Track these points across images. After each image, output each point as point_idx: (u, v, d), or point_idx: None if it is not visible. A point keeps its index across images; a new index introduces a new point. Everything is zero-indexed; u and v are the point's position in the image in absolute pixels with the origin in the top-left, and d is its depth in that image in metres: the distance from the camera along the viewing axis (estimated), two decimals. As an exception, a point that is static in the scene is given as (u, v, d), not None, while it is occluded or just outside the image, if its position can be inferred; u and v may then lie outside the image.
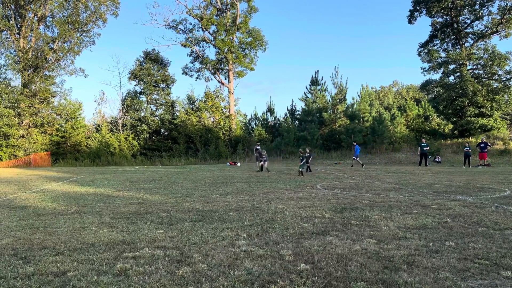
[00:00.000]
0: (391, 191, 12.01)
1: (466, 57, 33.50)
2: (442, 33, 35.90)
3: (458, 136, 36.04)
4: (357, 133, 35.65)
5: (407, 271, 4.32)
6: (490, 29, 34.22)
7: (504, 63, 32.44)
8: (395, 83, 74.74)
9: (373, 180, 16.17)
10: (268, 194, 11.30)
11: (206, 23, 40.44)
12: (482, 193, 11.41)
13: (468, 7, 34.31)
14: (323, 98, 40.38)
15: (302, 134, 37.38)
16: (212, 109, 40.80)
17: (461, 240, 5.65)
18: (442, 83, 36.16)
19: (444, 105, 36.31)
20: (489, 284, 3.95)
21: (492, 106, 33.09)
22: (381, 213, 7.87)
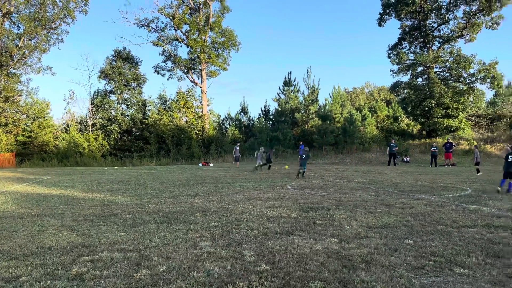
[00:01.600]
0: (358, 190, 12.22)
1: (433, 59, 34.52)
2: (410, 36, 36.87)
3: (425, 136, 37.07)
4: (328, 134, 36.12)
5: (365, 269, 4.39)
6: (455, 33, 35.37)
7: (469, 66, 33.60)
8: (367, 85, 76.11)
9: (342, 179, 16.41)
10: (237, 194, 11.28)
11: (179, 22, 40.04)
12: (445, 192, 11.77)
13: (435, 11, 35.36)
14: (295, 99, 40.71)
15: (275, 135, 37.56)
16: (185, 109, 40.42)
17: (420, 238, 5.79)
18: (411, 85, 37.11)
19: (412, 106, 37.27)
20: (442, 281, 4.06)
21: (457, 107, 34.20)
22: (346, 213, 7.99)
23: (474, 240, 5.68)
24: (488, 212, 8.04)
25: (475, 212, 7.98)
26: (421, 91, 35.51)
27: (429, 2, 34.48)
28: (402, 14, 35.01)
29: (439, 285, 3.93)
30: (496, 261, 4.68)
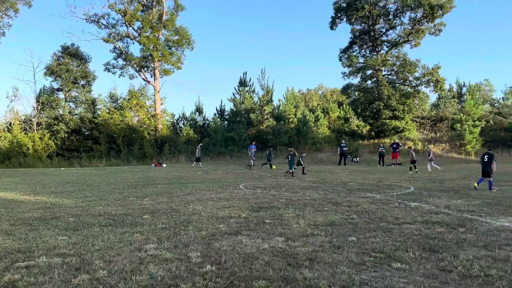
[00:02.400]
0: (308, 189, 12.48)
1: (381, 63, 35.96)
2: (360, 40, 38.18)
3: (374, 137, 38.53)
4: (282, 134, 36.60)
5: (309, 267, 4.48)
6: (402, 38, 37.07)
7: (414, 69, 35.35)
8: (320, 86, 77.91)
9: (294, 179, 16.68)
10: (188, 195, 11.14)
11: (130, 19, 38.92)
12: (389, 190, 12.29)
13: (383, 17, 36.87)
14: (251, 99, 40.87)
15: (230, 135, 37.50)
16: (137, 108, 39.34)
17: (363, 235, 6.01)
18: (361, 87, 38.44)
19: (362, 108, 38.59)
20: (380, 276, 4.23)
21: (404, 109, 35.84)
22: (295, 211, 8.12)
23: (412, 236, 5.97)
24: (427, 209, 8.49)
25: (415, 209, 8.40)
26: (370, 93, 36.87)
27: (377, 7, 35.87)
28: (353, 19, 36.17)
29: (377, 280, 4.08)
30: (431, 256, 4.95)
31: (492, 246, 5.38)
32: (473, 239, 5.74)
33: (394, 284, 3.94)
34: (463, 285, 3.94)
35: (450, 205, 8.91)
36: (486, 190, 11.97)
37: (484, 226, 6.68)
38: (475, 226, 6.61)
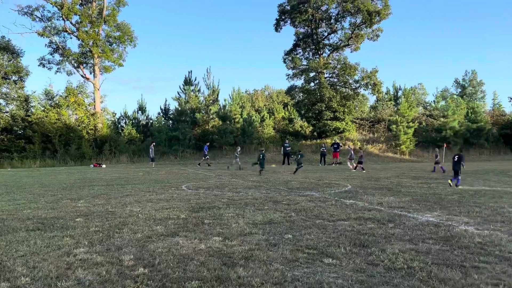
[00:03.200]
0: (251, 189, 12.58)
1: (323, 66, 37.14)
2: (304, 43, 39.18)
3: (317, 137, 39.70)
4: (228, 134, 36.60)
5: (243, 266, 4.51)
6: (343, 42, 38.55)
7: (354, 73, 36.91)
8: (266, 87, 78.68)
9: (238, 179, 16.74)
10: (127, 197, 10.79)
11: (68, 12, 36.93)
12: (328, 188, 12.72)
13: (325, 21, 38.12)
14: (196, 99, 40.45)
15: (175, 134, 36.84)
16: (75, 106, 37.44)
17: (299, 233, 6.16)
18: (304, 89, 39.44)
19: (305, 109, 39.62)
20: (312, 272, 4.35)
21: (344, 111, 37.29)
22: (235, 211, 8.15)
23: (345, 232, 6.22)
24: (361, 206, 8.89)
25: (350, 206, 8.76)
26: (313, 95, 37.95)
27: (320, 12, 37.00)
28: (297, 22, 37.00)
29: (308, 275, 4.20)
30: (361, 250, 5.18)
31: (417, 239, 5.75)
32: (400, 234, 6.09)
33: (324, 279, 4.08)
34: (388, 277, 4.17)
35: (382, 202, 9.39)
36: (414, 187, 12.76)
37: (411, 221, 7.12)
38: (403, 222, 7.02)
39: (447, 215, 7.73)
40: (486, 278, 4.11)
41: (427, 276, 4.18)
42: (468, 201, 9.50)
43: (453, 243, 5.54)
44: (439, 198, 10.17)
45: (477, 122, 40.15)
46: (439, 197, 10.27)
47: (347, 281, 4.04)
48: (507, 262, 4.68)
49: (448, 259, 4.77)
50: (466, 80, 65.64)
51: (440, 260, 4.73)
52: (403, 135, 36.72)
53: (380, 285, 3.94)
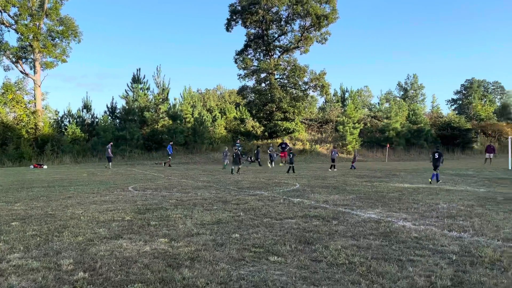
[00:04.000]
0: (201, 189, 12.48)
1: (274, 67, 37.63)
2: (255, 44, 39.45)
3: (268, 137, 40.14)
4: (178, 134, 36.03)
5: (189, 266, 4.47)
6: (293, 44, 39.28)
7: (303, 75, 37.73)
8: (219, 87, 78.36)
9: (188, 179, 16.55)
10: (69, 199, 10.31)
11: (5, 4, 34.59)
12: (277, 187, 12.91)
13: (276, 23, 38.62)
14: (145, 97, 39.41)
15: (122, 134, 35.67)
16: (13, 104, 35.17)
17: (246, 232, 6.20)
18: (255, 89, 39.73)
19: (256, 110, 39.94)
20: (257, 270, 4.40)
21: (294, 111, 38.01)
22: (183, 212, 8.05)
23: (291, 230, 6.35)
24: (308, 204, 9.11)
25: (297, 205, 8.95)
26: (264, 95, 38.33)
27: (271, 13, 37.42)
28: (248, 22, 37.17)
29: (254, 274, 4.24)
30: (306, 247, 5.31)
31: (358, 236, 5.98)
32: (343, 230, 6.32)
33: (268, 277, 4.13)
34: (330, 273, 4.30)
35: (328, 200, 9.68)
36: (359, 185, 13.28)
37: (354, 218, 7.40)
38: (346, 219, 7.29)
39: (388, 211, 8.12)
40: (420, 271, 4.36)
41: (366, 271, 4.36)
42: (407, 198, 10.04)
43: (391, 238, 5.83)
44: (381, 195, 10.65)
45: (418, 123, 42.53)
46: (381, 195, 10.76)
47: (291, 278, 4.12)
48: (440, 255, 4.99)
49: (386, 254, 5.01)
50: (408, 84, 69.41)
51: (379, 255, 4.96)
52: (349, 135, 38.05)
53: (323, 280, 4.06)
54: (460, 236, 5.97)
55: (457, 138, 42.98)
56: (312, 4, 35.76)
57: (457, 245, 5.43)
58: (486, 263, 4.62)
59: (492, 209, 8.32)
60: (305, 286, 3.90)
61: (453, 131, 43.17)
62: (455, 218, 7.33)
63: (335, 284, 3.95)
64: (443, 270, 4.38)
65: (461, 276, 4.18)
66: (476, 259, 4.78)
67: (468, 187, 12.71)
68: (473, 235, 6.00)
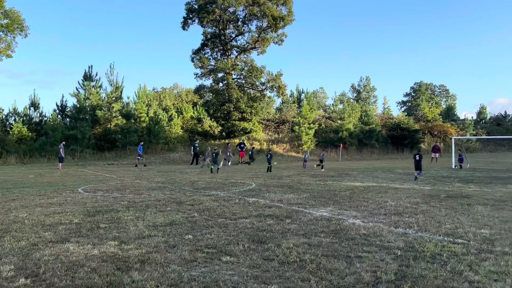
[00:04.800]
0: (155, 190, 12.24)
1: (231, 67, 37.62)
2: (212, 43, 39.23)
3: (225, 137, 40.04)
4: (132, 133, 35.09)
5: (139, 269, 4.37)
6: (250, 45, 39.45)
7: (260, 75, 38.00)
8: (175, 86, 77.09)
9: (142, 180, 16.17)
10: (12, 202, 9.75)
11: None
12: (233, 187, 12.92)
13: (233, 23, 38.62)
14: (97, 95, 38.02)
15: (72, 133, 34.19)
16: (-49, 100, 32.77)
17: (200, 232, 6.16)
18: (212, 89, 39.52)
19: (214, 109, 39.74)
20: (209, 271, 4.38)
21: (252, 112, 38.19)
22: (135, 213, 7.86)
23: (245, 229, 6.38)
24: (263, 203, 9.19)
25: (253, 204, 9.01)
26: (222, 95, 38.23)
27: (228, 13, 37.37)
28: (204, 21, 36.88)
29: (205, 275, 4.22)
30: (258, 247, 5.36)
31: (310, 234, 6.12)
32: (296, 229, 6.44)
33: (220, 277, 4.14)
34: (281, 271, 4.37)
35: (282, 199, 9.82)
36: (313, 185, 13.58)
37: (307, 216, 7.56)
38: (299, 217, 7.43)
39: (339, 209, 8.37)
40: (366, 266, 4.53)
41: (316, 268, 4.47)
42: (358, 196, 10.39)
43: (341, 235, 6.01)
44: (333, 194, 10.95)
45: (369, 124, 44.07)
46: (333, 193, 11.06)
47: (243, 277, 4.15)
48: (386, 251, 5.21)
49: (336, 251, 5.16)
50: (361, 86, 71.81)
51: (329, 252, 5.10)
52: (304, 135, 38.77)
53: (274, 279, 4.11)
54: (406, 232, 6.27)
55: (406, 138, 44.97)
56: (269, 6, 36.08)
57: (402, 241, 5.70)
58: (427, 257, 4.88)
59: (435, 206, 8.79)
60: (256, 285, 3.93)
61: (402, 132, 45.12)
62: (401, 215, 7.68)
63: (285, 282, 4.02)
64: (388, 265, 4.57)
65: (404, 270, 4.39)
66: (418, 254, 5.03)
67: (415, 185, 13.36)
68: (417, 231, 6.31)
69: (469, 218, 7.39)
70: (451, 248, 5.25)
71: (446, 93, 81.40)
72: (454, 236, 5.99)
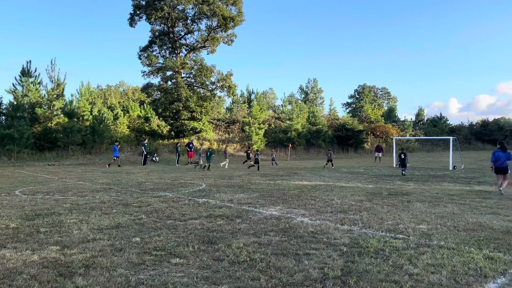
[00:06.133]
0: (99, 192, 11.77)
1: (180, 65, 37.00)
2: (160, 41, 38.32)
3: (174, 137, 39.35)
4: (75, 133, 33.48)
5: (83, 275, 4.19)
6: (199, 44, 39.03)
7: (210, 74, 37.71)
8: (121, 83, 74.54)
9: (85, 181, 15.48)
10: None
11: None
12: (183, 188, 12.74)
13: (182, 21, 38.00)
14: (36, 92, 35.84)
15: (8, 132, 31.96)
16: None
17: (148, 235, 6.01)
18: (161, 88, 38.66)
19: (162, 108, 38.91)
20: (158, 273, 4.30)
21: (201, 111, 37.80)
22: (78, 216, 7.52)
23: (195, 230, 6.32)
24: (213, 203, 9.15)
25: (203, 205, 8.94)
26: (170, 94, 37.50)
27: (177, 11, 36.72)
28: (152, 18, 35.97)
29: (154, 277, 4.14)
30: (209, 247, 5.33)
31: (260, 233, 6.19)
32: (246, 228, 6.48)
33: (169, 280, 4.07)
34: (231, 271, 4.38)
35: (233, 199, 9.84)
36: (263, 184, 13.73)
37: (257, 215, 7.63)
38: (249, 217, 7.48)
39: (288, 208, 8.53)
40: (314, 263, 4.66)
41: (266, 266, 4.53)
42: (306, 195, 10.65)
43: (290, 233, 6.14)
44: (282, 193, 11.14)
45: (317, 125, 45.29)
46: (282, 192, 11.26)
47: (192, 278, 4.11)
48: (332, 247, 5.39)
49: (285, 249, 5.26)
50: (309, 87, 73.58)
51: (279, 250, 5.19)
52: (255, 135, 39.07)
53: (224, 279, 4.12)
54: (351, 229, 6.52)
55: (351, 138, 46.71)
56: (219, 5, 35.91)
57: (348, 237, 5.92)
58: (371, 253, 5.11)
59: (378, 204, 9.23)
60: (206, 286, 3.92)
61: (347, 132, 46.80)
62: (347, 213, 7.98)
63: (235, 282, 4.03)
64: (335, 261, 4.74)
65: (350, 266, 4.57)
66: (363, 249, 5.26)
67: (359, 184, 13.93)
68: (361, 228, 6.59)
69: (409, 214, 7.84)
70: (392, 244, 5.53)
71: (387, 96, 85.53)
72: (396, 231, 6.32)
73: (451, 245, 5.45)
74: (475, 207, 8.76)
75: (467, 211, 8.17)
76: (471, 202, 9.44)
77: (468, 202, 9.44)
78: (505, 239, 5.84)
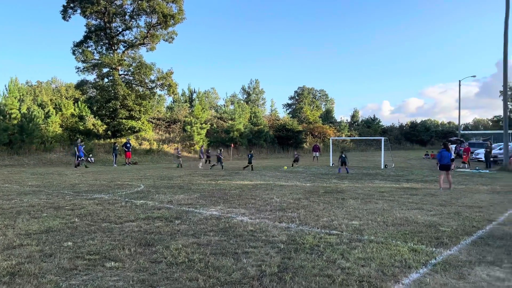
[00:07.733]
0: (28, 195, 11.04)
1: (118, 62, 35.62)
2: (96, 36, 36.61)
3: (111, 136, 37.80)
4: (1, 131, 31.02)
5: (8, 283, 3.94)
6: (138, 40, 37.83)
7: (149, 72, 36.69)
8: (54, 80, 70.16)
9: (12, 184, 14.42)
10: None
11: None
12: (120, 189, 12.31)
13: (120, 16, 36.61)
14: (-47, 87, 32.77)
15: None
16: None
17: (81, 239, 5.76)
18: (96, 85, 36.97)
19: (98, 106, 37.24)
20: (91, 278, 4.15)
21: (140, 110, 36.67)
22: (4, 221, 7.01)
23: (132, 233, 6.16)
24: (152, 205, 8.96)
25: (140, 207, 8.72)
26: (107, 92, 36.01)
27: (114, 6, 35.33)
28: (88, 12, 34.29)
29: (87, 282, 3.99)
30: (146, 250, 5.23)
31: (200, 233, 6.17)
32: (185, 229, 6.43)
33: (104, 284, 3.95)
34: (169, 273, 4.34)
35: (172, 200, 9.70)
36: (204, 184, 13.66)
37: (197, 216, 7.60)
38: (189, 217, 7.43)
39: (228, 208, 8.58)
40: (252, 261, 4.76)
41: (204, 266, 4.54)
42: (247, 194, 10.77)
43: (230, 233, 6.19)
44: (223, 193, 11.17)
45: (258, 125, 45.86)
46: (223, 192, 11.29)
47: (128, 282, 4.02)
48: (270, 245, 5.52)
49: (224, 248, 5.31)
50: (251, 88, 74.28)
51: (218, 250, 5.22)
52: (196, 135, 38.69)
53: (161, 281, 4.07)
54: (289, 226, 6.71)
55: (291, 138, 47.88)
56: (159, 2, 35.09)
57: (285, 235, 6.10)
58: (307, 249, 5.31)
59: (315, 201, 9.58)
60: (142, 288, 3.85)
61: (287, 133, 47.91)
62: (285, 211, 8.19)
63: (173, 283, 4.01)
64: (272, 258, 4.86)
65: (286, 262, 4.72)
66: (299, 246, 5.44)
67: (298, 182, 14.34)
68: (298, 225, 6.81)
69: (343, 211, 8.23)
70: (327, 239, 5.79)
71: (325, 98, 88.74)
72: (330, 228, 6.61)
73: (380, 240, 5.81)
74: (403, 203, 9.39)
75: (396, 207, 8.74)
76: (400, 199, 10.11)
77: (397, 199, 10.10)
78: (427, 232, 6.34)
